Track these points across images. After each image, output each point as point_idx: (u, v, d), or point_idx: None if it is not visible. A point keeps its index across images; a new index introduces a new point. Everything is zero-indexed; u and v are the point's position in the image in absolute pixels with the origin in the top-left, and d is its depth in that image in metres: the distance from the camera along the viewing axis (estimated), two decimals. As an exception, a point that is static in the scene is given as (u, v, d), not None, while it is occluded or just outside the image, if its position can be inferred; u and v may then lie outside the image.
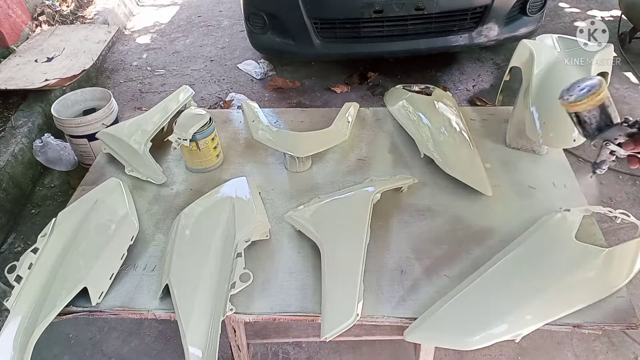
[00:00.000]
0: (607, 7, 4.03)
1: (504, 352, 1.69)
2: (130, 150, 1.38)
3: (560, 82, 1.25)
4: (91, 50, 3.20)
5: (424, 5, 2.78)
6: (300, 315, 0.99)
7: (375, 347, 1.73)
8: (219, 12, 4.54)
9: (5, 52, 3.25)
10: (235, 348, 1.41)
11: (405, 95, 1.55)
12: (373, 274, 1.06)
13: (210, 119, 1.36)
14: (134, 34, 4.26)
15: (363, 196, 1.18)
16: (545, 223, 1.09)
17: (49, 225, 1.13)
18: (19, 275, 1.03)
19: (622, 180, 2.40)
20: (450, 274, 1.05)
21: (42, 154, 2.55)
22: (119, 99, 3.19)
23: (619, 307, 0.95)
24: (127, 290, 1.05)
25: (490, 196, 1.22)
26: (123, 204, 1.22)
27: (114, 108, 2.48)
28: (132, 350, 1.77)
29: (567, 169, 1.33)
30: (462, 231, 1.15)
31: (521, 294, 0.94)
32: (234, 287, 0.98)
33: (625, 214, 1.15)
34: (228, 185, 1.26)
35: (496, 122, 1.52)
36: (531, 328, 0.90)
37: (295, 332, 1.50)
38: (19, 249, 2.19)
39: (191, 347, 0.90)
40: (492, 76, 3.26)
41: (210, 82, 3.43)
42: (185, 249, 1.07)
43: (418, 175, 1.30)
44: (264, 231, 1.14)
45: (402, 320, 0.97)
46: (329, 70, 3.42)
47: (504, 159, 1.37)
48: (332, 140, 1.42)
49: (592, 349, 1.70)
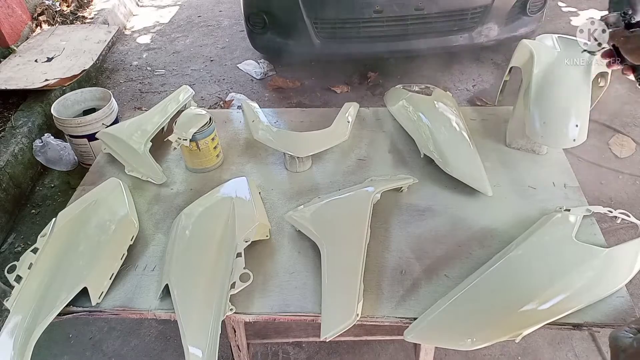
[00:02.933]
0: (607, 7, 4.02)
1: (504, 352, 1.69)
2: (130, 150, 1.38)
3: (560, 82, 1.26)
4: (91, 50, 3.20)
5: (424, 5, 2.78)
6: (300, 315, 0.99)
7: (375, 347, 1.73)
8: (219, 12, 4.54)
9: (5, 52, 3.25)
10: (235, 348, 1.41)
11: (405, 95, 1.55)
12: (373, 274, 1.05)
13: (210, 119, 1.36)
14: (134, 34, 4.26)
15: (363, 196, 1.18)
16: (545, 223, 1.09)
17: (49, 225, 1.13)
18: (19, 275, 1.02)
19: (622, 180, 2.40)
20: (450, 274, 1.05)
21: (42, 154, 2.55)
22: (119, 99, 3.19)
23: (619, 307, 0.95)
24: (127, 290, 1.05)
25: (490, 196, 1.22)
26: (123, 204, 1.22)
27: (114, 108, 2.48)
28: (132, 350, 1.77)
29: (567, 169, 1.33)
30: (462, 231, 1.15)
31: (521, 293, 0.94)
32: (234, 287, 0.98)
33: (625, 214, 1.15)
34: (228, 185, 1.26)
35: (496, 122, 1.52)
36: (531, 328, 0.90)
37: (295, 332, 1.50)
38: (19, 249, 2.19)
39: (191, 347, 0.90)
40: (492, 76, 3.26)
41: (210, 82, 3.43)
42: (186, 249, 1.07)
43: (418, 175, 1.30)
44: (264, 231, 1.14)
45: (402, 320, 0.97)
46: (329, 70, 3.42)
47: (504, 159, 1.37)
48: (332, 140, 1.42)
49: (592, 349, 1.70)
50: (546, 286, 0.94)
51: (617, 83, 3.04)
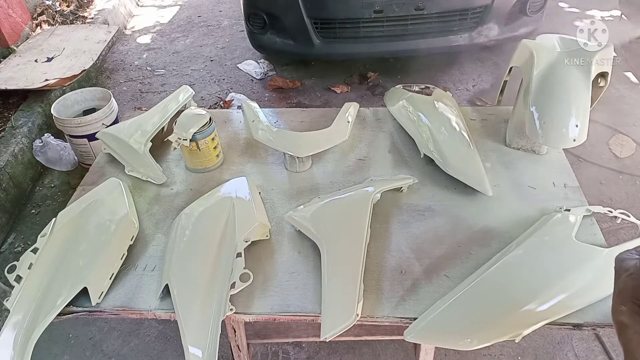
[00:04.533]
0: (607, 7, 4.03)
1: (504, 352, 1.69)
2: (130, 150, 1.38)
3: (560, 82, 1.26)
4: (91, 50, 3.20)
5: (424, 5, 2.78)
6: (300, 315, 0.99)
7: (375, 347, 1.73)
8: (219, 12, 4.54)
9: (5, 52, 3.25)
10: (235, 348, 1.41)
11: (405, 95, 1.55)
12: (373, 274, 1.05)
13: (210, 119, 1.36)
14: (134, 34, 4.26)
15: (363, 196, 1.18)
16: (545, 223, 1.09)
17: (49, 225, 1.13)
18: (19, 275, 1.02)
19: (622, 180, 2.40)
20: (450, 274, 1.05)
21: (42, 154, 2.55)
22: (119, 99, 3.19)
23: (619, 307, 0.95)
24: (127, 290, 1.05)
25: (490, 196, 1.22)
26: (123, 204, 1.22)
27: (114, 108, 2.48)
28: (132, 350, 1.77)
29: (567, 169, 1.33)
30: (462, 231, 1.15)
31: (521, 293, 0.94)
32: (234, 287, 0.98)
33: (625, 214, 1.15)
34: (228, 185, 1.26)
35: (496, 122, 1.52)
36: (531, 328, 0.90)
37: (295, 332, 1.50)
38: (19, 249, 2.19)
39: (191, 347, 0.90)
40: (492, 76, 3.26)
41: (210, 82, 3.43)
42: (185, 249, 1.07)
43: (418, 175, 1.30)
44: (264, 231, 1.14)
45: (402, 320, 0.97)
46: (329, 70, 3.42)
47: (504, 159, 1.37)
48: (332, 140, 1.42)
49: (592, 349, 1.70)
50: (546, 286, 0.94)
51: (617, 83, 3.04)
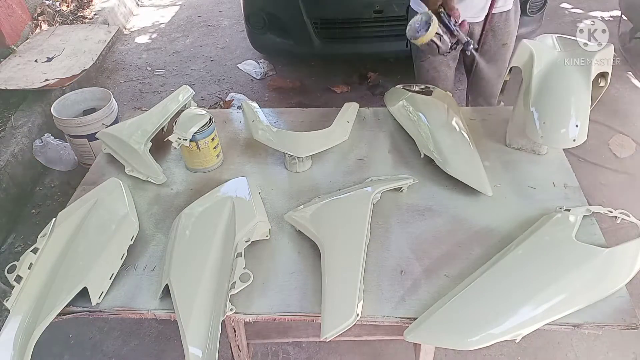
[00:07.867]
0: (607, 7, 4.03)
1: (504, 352, 1.69)
2: (130, 150, 1.38)
3: (560, 82, 1.26)
4: (91, 50, 3.20)
5: (424, 5, 2.78)
6: (300, 315, 0.99)
7: (375, 347, 1.73)
8: (219, 12, 4.54)
9: (5, 52, 3.25)
10: (235, 348, 1.41)
11: (405, 95, 1.55)
12: (373, 274, 1.05)
13: (210, 119, 1.36)
14: (134, 34, 4.26)
15: (363, 196, 1.18)
16: (545, 223, 1.09)
17: (49, 225, 1.13)
18: (19, 275, 1.02)
19: (622, 180, 2.40)
20: (450, 274, 1.05)
21: (42, 154, 2.55)
22: (119, 99, 3.19)
23: (619, 307, 0.95)
24: (127, 290, 1.05)
25: (490, 196, 1.22)
26: (123, 204, 1.22)
27: (114, 108, 2.48)
28: (132, 350, 1.77)
29: (567, 169, 1.33)
30: (462, 231, 1.15)
31: (521, 294, 0.94)
32: (234, 287, 0.98)
33: (625, 214, 1.15)
34: (228, 185, 1.26)
35: (496, 122, 1.52)
36: (531, 328, 0.90)
37: (295, 332, 1.51)
38: (19, 249, 2.19)
39: (191, 347, 0.90)
40: (492, 76, 3.26)
41: (210, 82, 3.43)
42: (185, 249, 1.07)
43: (418, 175, 1.30)
44: (264, 231, 1.14)
45: (402, 320, 0.97)
46: (329, 70, 3.42)
47: (504, 159, 1.37)
48: (332, 140, 1.42)
49: (592, 349, 1.70)
50: (546, 286, 0.94)
51: (617, 83, 3.04)
